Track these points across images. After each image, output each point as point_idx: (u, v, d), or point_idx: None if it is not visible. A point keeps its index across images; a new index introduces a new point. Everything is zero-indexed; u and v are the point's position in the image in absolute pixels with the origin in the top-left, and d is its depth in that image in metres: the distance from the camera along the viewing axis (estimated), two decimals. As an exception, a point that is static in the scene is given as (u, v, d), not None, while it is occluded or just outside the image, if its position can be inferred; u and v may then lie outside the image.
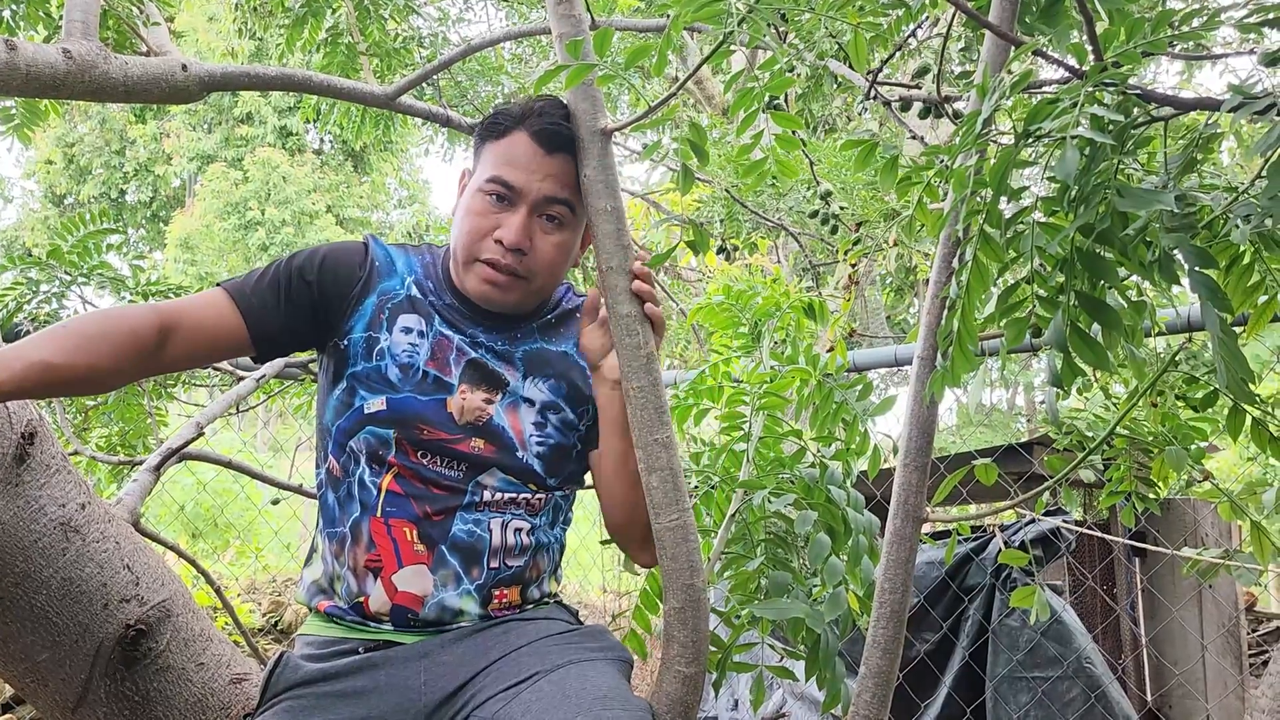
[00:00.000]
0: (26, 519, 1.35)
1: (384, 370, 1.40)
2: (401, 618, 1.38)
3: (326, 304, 1.43)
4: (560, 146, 1.39)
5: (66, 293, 2.62)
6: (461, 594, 1.38)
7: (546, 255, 1.41)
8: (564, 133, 1.38)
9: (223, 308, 1.39)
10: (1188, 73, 7.18)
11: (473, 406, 1.41)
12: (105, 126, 21.92)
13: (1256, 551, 1.44)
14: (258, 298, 1.40)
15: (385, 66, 4.05)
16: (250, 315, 1.39)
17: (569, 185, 1.40)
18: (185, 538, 6.48)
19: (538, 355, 1.47)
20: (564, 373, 1.48)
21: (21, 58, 1.94)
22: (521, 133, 1.39)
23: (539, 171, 1.38)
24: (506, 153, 1.40)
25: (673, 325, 6.11)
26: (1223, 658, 3.59)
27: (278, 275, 1.42)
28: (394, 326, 1.42)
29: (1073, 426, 1.74)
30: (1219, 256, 1.17)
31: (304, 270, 1.43)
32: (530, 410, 1.44)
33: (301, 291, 1.42)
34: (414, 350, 1.42)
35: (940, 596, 3.35)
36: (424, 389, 1.40)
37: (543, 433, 1.45)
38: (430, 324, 1.43)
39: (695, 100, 8.29)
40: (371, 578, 1.38)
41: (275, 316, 1.41)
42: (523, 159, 1.39)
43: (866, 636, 1.42)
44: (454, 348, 1.43)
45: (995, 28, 1.24)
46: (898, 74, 4.51)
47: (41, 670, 1.39)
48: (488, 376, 1.43)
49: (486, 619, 1.40)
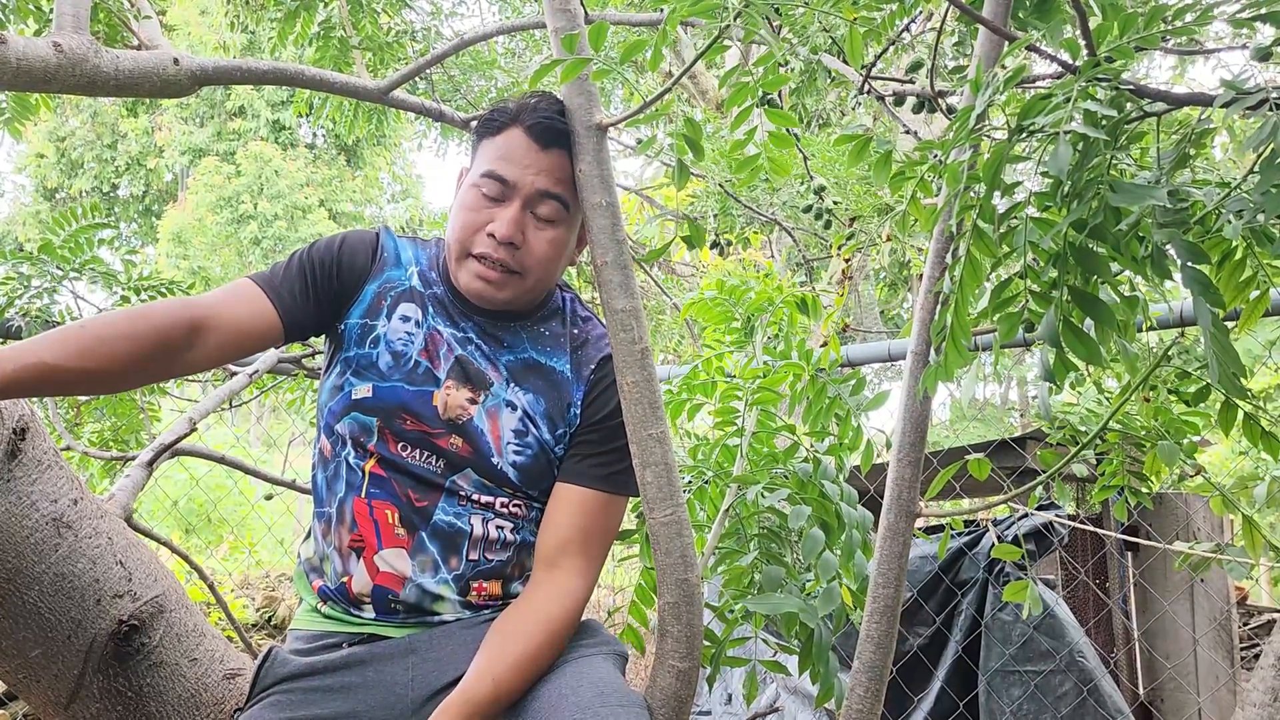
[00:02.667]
0: (18, 515, 1.34)
1: (375, 358, 1.41)
2: (383, 600, 1.38)
3: (343, 290, 1.45)
4: (555, 142, 1.38)
5: (58, 288, 2.61)
6: (439, 582, 1.39)
7: (540, 250, 1.41)
8: (559, 128, 1.38)
9: (257, 301, 1.39)
10: (1181, 68, 7.19)
11: (456, 404, 1.41)
12: (97, 120, 21.83)
13: (1248, 546, 1.45)
14: (287, 289, 1.41)
15: (378, 61, 4.04)
16: (283, 306, 1.40)
17: (563, 181, 1.39)
18: (179, 533, 6.46)
19: (526, 363, 1.46)
20: (546, 389, 1.45)
21: (12, 51, 1.93)
22: (516, 128, 1.39)
23: (533, 166, 1.38)
24: (502, 148, 1.40)
25: (666, 320, 6.11)
26: (1214, 651, 3.60)
27: (303, 265, 1.43)
28: (394, 314, 1.43)
29: (1065, 421, 1.74)
30: (1211, 252, 1.17)
31: (324, 259, 1.44)
32: (512, 416, 1.43)
33: (326, 280, 1.44)
34: (409, 339, 1.42)
35: (933, 591, 3.36)
36: (414, 379, 1.41)
37: (523, 441, 1.42)
38: (425, 315, 1.44)
39: (690, 95, 8.28)
40: (355, 557, 1.39)
41: (305, 306, 1.42)
42: (517, 154, 1.39)
43: (860, 631, 1.42)
44: (444, 342, 1.43)
45: (988, 22, 1.24)
46: (892, 69, 4.51)
47: (34, 666, 1.39)
48: (473, 376, 1.43)
49: (469, 607, 1.41)
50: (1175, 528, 3.67)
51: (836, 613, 1.52)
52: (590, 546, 1.41)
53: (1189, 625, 3.62)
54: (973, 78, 1.10)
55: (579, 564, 1.39)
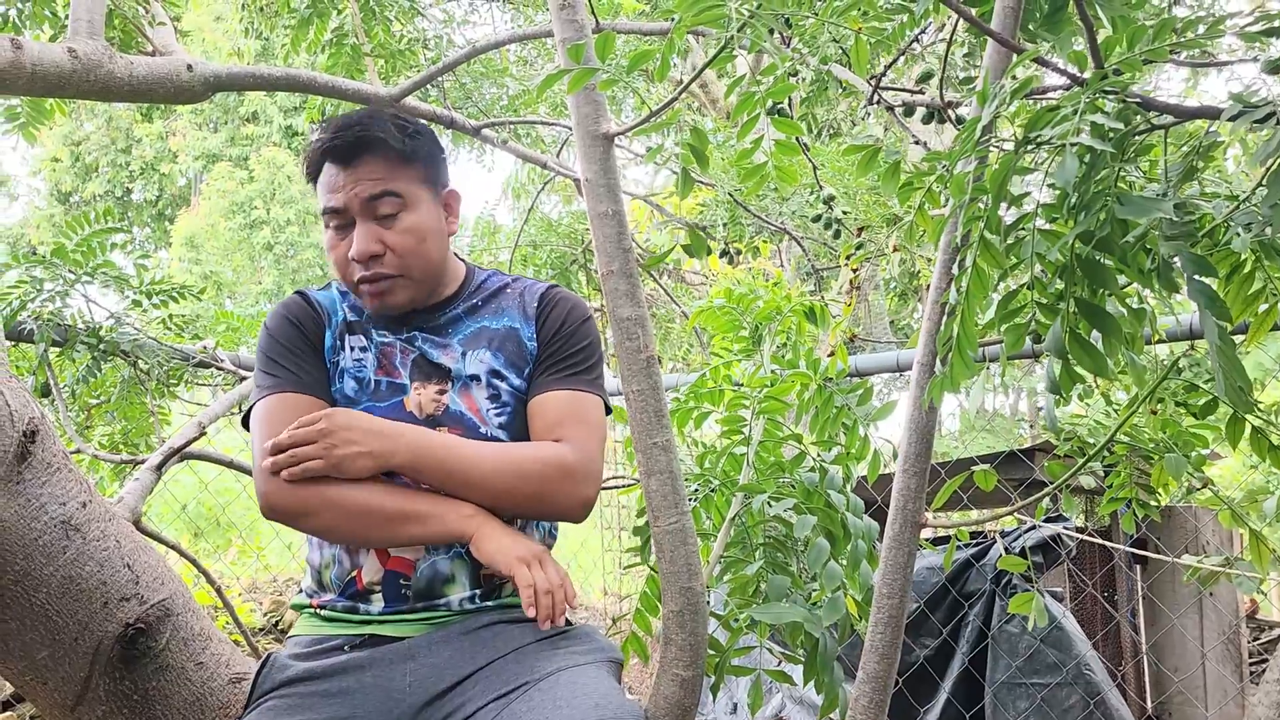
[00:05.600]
0: (27, 517, 1.35)
1: (343, 389, 1.48)
2: (394, 586, 1.40)
3: (319, 344, 1.52)
4: (356, 153, 1.45)
5: (70, 291, 2.62)
6: (453, 558, 1.42)
7: (402, 244, 1.46)
8: (352, 139, 1.45)
9: (302, 405, 1.44)
10: (1194, 80, 7.17)
11: (429, 400, 1.47)
12: (111, 125, 21.97)
13: (1255, 560, 1.44)
14: (300, 372, 1.47)
15: (390, 68, 4.06)
16: (315, 390, 1.47)
17: (383, 176, 1.45)
18: (188, 537, 6.48)
19: (476, 334, 1.52)
20: (502, 341, 1.52)
21: (27, 57, 1.95)
22: (324, 161, 1.47)
23: (348, 184, 1.45)
24: (323, 184, 1.48)
25: (675, 329, 6.11)
26: (1223, 665, 3.58)
27: (286, 346, 1.49)
28: (345, 347, 1.51)
29: (1073, 433, 1.74)
30: (1220, 265, 1.17)
31: (284, 329, 1.50)
32: (480, 387, 1.48)
33: (303, 342, 1.50)
34: (361, 364, 1.50)
35: (940, 602, 3.35)
36: (379, 396, 1.48)
37: (498, 404, 1.49)
38: (370, 338, 1.51)
39: (700, 104, 8.30)
40: (365, 549, 1.42)
41: (318, 371, 1.49)
42: (333, 181, 1.46)
43: (864, 641, 1.42)
44: (397, 350, 1.50)
45: (996, 34, 1.24)
46: (903, 79, 4.52)
47: (41, 668, 1.39)
48: (434, 369, 1.49)
49: (478, 585, 1.42)
50: (1184, 541, 3.65)
51: (841, 622, 1.51)
52: (567, 429, 1.44)
53: (1197, 639, 3.60)
54: (980, 89, 1.10)
55: (561, 437, 1.44)
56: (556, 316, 1.53)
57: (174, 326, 2.88)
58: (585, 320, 1.55)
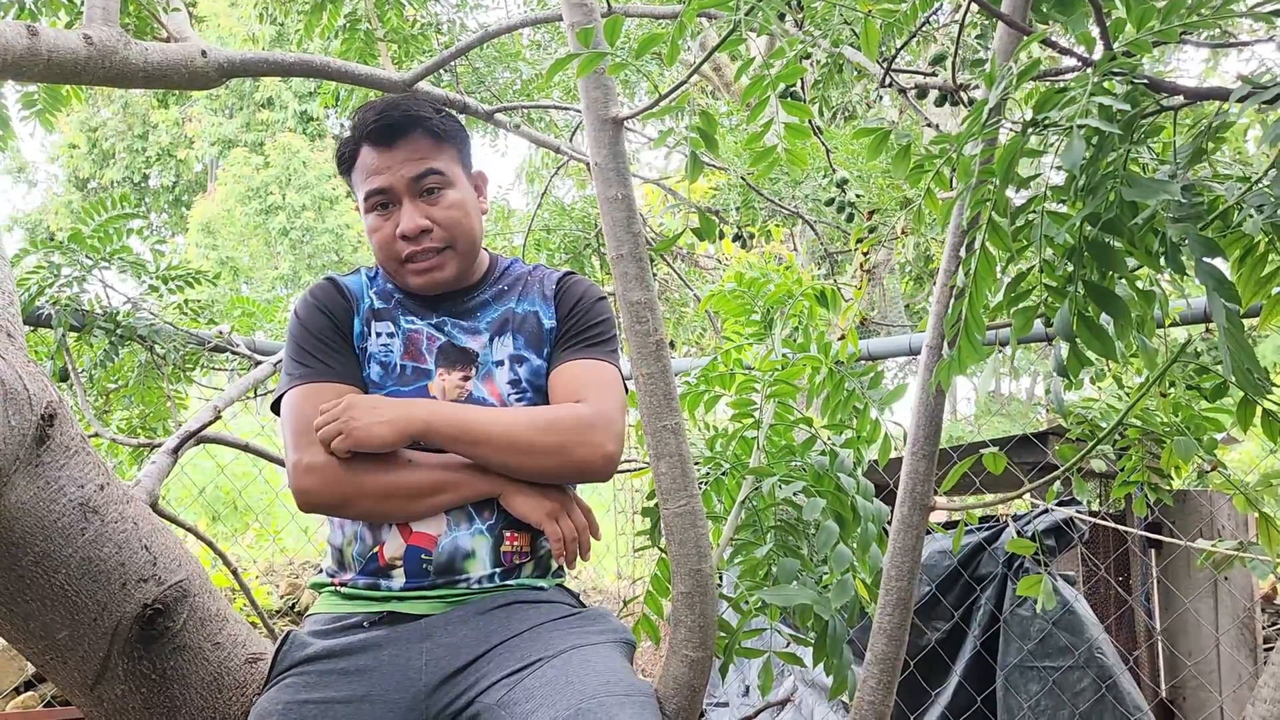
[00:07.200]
0: (46, 499, 1.37)
1: (369, 374, 1.51)
2: (415, 561, 1.42)
3: (349, 331, 1.54)
4: (396, 135, 1.48)
5: (88, 277, 2.65)
6: (474, 533, 1.44)
7: (448, 218, 1.50)
8: (390, 121, 1.48)
9: (331, 395, 1.45)
10: (1213, 60, 7.09)
11: (452, 386, 1.50)
12: (128, 111, 22.05)
13: (1265, 544, 1.44)
14: (331, 361, 1.50)
15: (403, 53, 4.06)
16: (346, 379, 1.49)
17: (425, 156, 1.49)
18: (205, 520, 6.53)
19: (502, 319, 1.56)
20: (524, 326, 1.56)
21: (43, 44, 1.96)
22: (362, 146, 1.50)
23: (392, 165, 1.48)
24: (363, 170, 1.51)
25: (688, 313, 6.11)
26: (1237, 650, 3.57)
27: (317, 336, 1.51)
28: (373, 332, 1.54)
29: (1084, 417, 1.73)
30: (1233, 247, 1.16)
31: (315, 318, 1.53)
32: (503, 371, 1.52)
33: (334, 331, 1.53)
34: (388, 349, 1.52)
35: (952, 585, 3.35)
36: (405, 381, 1.50)
37: (519, 389, 1.52)
38: (397, 324, 1.54)
39: (715, 87, 8.26)
40: (388, 525, 1.44)
41: (350, 360, 1.52)
42: (375, 164, 1.49)
43: (873, 623, 1.43)
44: (424, 336, 1.53)
45: (1004, 16, 1.23)
46: (919, 61, 4.49)
47: (61, 648, 1.41)
48: (460, 355, 1.52)
49: (499, 563, 1.44)
50: (1198, 525, 3.64)
51: (851, 605, 1.52)
52: (586, 391, 1.47)
53: (1211, 623, 3.59)
54: (988, 71, 1.10)
55: (583, 399, 1.46)
56: (573, 295, 1.58)
57: (190, 311, 2.91)
58: (600, 299, 1.60)
